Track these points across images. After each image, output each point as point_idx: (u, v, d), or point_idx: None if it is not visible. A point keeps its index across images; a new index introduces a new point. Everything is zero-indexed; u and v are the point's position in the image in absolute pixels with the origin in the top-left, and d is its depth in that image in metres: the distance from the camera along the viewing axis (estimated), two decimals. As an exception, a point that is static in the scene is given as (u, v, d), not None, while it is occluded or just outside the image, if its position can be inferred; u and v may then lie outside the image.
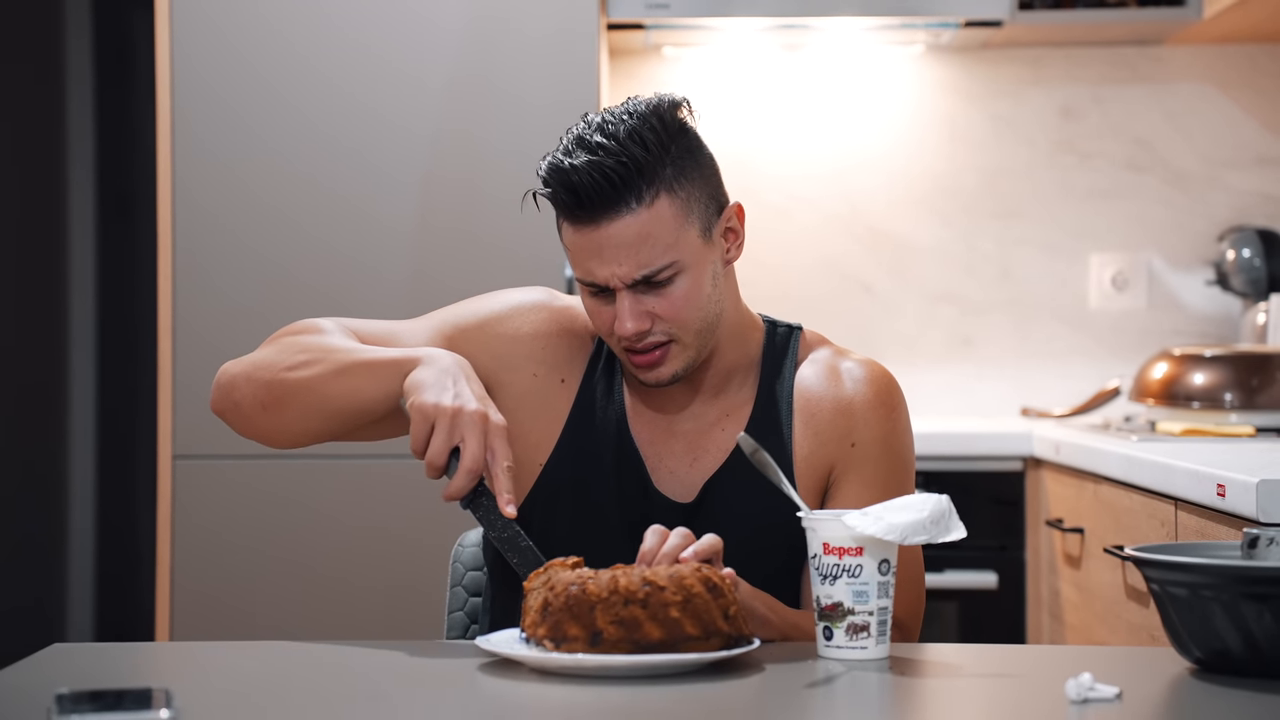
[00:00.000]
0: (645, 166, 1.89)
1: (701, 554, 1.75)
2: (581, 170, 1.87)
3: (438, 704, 1.60)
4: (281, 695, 1.64)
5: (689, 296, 1.93)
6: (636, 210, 1.88)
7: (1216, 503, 2.34)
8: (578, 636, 1.63)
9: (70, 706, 1.41)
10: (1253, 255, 3.84)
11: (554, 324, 2.05)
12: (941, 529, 1.71)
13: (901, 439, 2.05)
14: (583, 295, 1.97)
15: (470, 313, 2.06)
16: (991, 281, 4.12)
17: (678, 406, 2.03)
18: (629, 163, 1.88)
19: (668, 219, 1.90)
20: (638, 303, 1.91)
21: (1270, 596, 1.56)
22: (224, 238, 3.47)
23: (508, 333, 2.03)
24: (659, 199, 1.89)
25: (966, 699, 1.63)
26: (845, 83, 4.13)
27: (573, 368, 2.04)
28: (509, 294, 2.08)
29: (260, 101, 3.47)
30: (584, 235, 1.90)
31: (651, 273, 1.90)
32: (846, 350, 2.08)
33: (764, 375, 2.04)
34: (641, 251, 1.89)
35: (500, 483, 1.79)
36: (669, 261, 1.90)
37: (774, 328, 2.08)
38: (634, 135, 1.89)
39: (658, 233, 1.90)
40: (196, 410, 3.44)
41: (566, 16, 3.47)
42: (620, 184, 1.88)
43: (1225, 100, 4.07)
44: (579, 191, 1.88)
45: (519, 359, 2.02)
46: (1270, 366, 3.36)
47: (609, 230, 1.88)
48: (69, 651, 1.87)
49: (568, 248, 1.93)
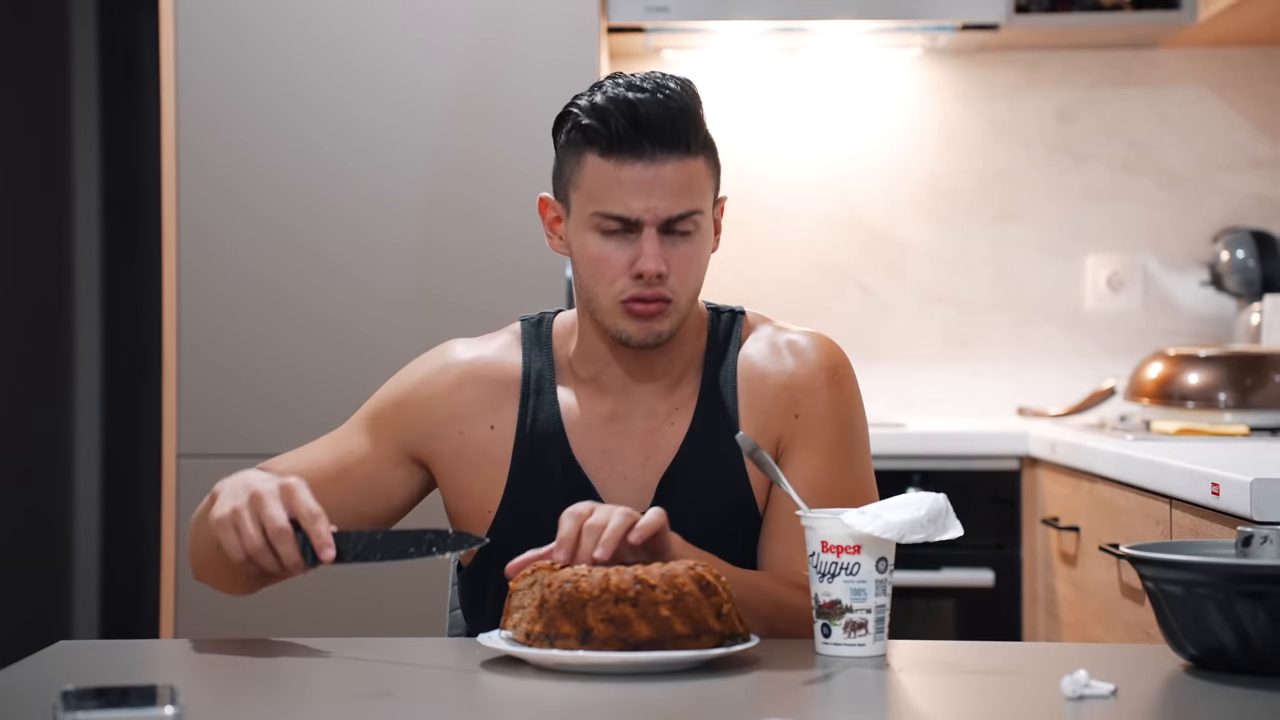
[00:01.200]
0: (698, 120, 1.95)
1: (648, 531, 1.75)
2: (649, 104, 1.91)
3: (438, 700, 1.61)
4: (284, 692, 1.65)
5: (696, 258, 1.96)
6: (685, 157, 1.93)
7: (1211, 501, 2.34)
8: (570, 634, 1.64)
9: (76, 703, 1.40)
10: (1247, 256, 3.85)
11: (465, 378, 2.04)
12: (939, 527, 1.72)
13: (848, 405, 2.05)
14: (588, 240, 1.96)
15: (386, 398, 2.07)
16: (988, 282, 4.12)
17: (629, 407, 2.02)
18: (687, 110, 1.94)
19: (704, 175, 1.96)
20: (659, 247, 1.93)
21: (1264, 594, 1.57)
22: (228, 239, 3.47)
23: (422, 403, 2.04)
24: (699, 155, 1.95)
25: (963, 696, 1.63)
26: (843, 85, 4.13)
27: (499, 413, 2.03)
28: (415, 366, 2.09)
29: (264, 105, 3.48)
30: (628, 169, 1.91)
31: (685, 213, 1.93)
32: (788, 326, 2.09)
33: (708, 363, 2.05)
34: (683, 194, 1.93)
35: (313, 533, 1.78)
36: (699, 209, 1.95)
37: (718, 315, 2.08)
38: (687, 91, 1.96)
39: (697, 182, 1.94)
40: (200, 409, 3.45)
41: (567, 19, 3.47)
42: (683, 125, 1.92)
43: (1220, 103, 4.08)
44: (642, 123, 1.91)
45: (440, 424, 2.02)
46: (1264, 366, 3.36)
47: (662, 168, 1.92)
48: (74, 649, 1.87)
49: (591, 183, 1.94)
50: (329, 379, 3.47)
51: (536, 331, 2.08)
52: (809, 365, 2.04)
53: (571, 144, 1.95)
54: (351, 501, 2.01)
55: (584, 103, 1.94)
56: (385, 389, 2.08)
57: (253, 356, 3.47)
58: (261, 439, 3.43)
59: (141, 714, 1.39)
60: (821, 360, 2.05)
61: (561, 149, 1.98)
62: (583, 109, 1.94)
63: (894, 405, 4.06)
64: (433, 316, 3.47)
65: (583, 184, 1.94)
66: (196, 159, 3.48)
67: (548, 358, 2.06)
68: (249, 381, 3.46)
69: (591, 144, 1.93)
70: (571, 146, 1.96)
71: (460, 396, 2.03)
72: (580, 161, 1.94)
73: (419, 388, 2.05)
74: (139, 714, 1.39)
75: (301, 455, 2.04)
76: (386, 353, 3.39)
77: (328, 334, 3.47)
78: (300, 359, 3.47)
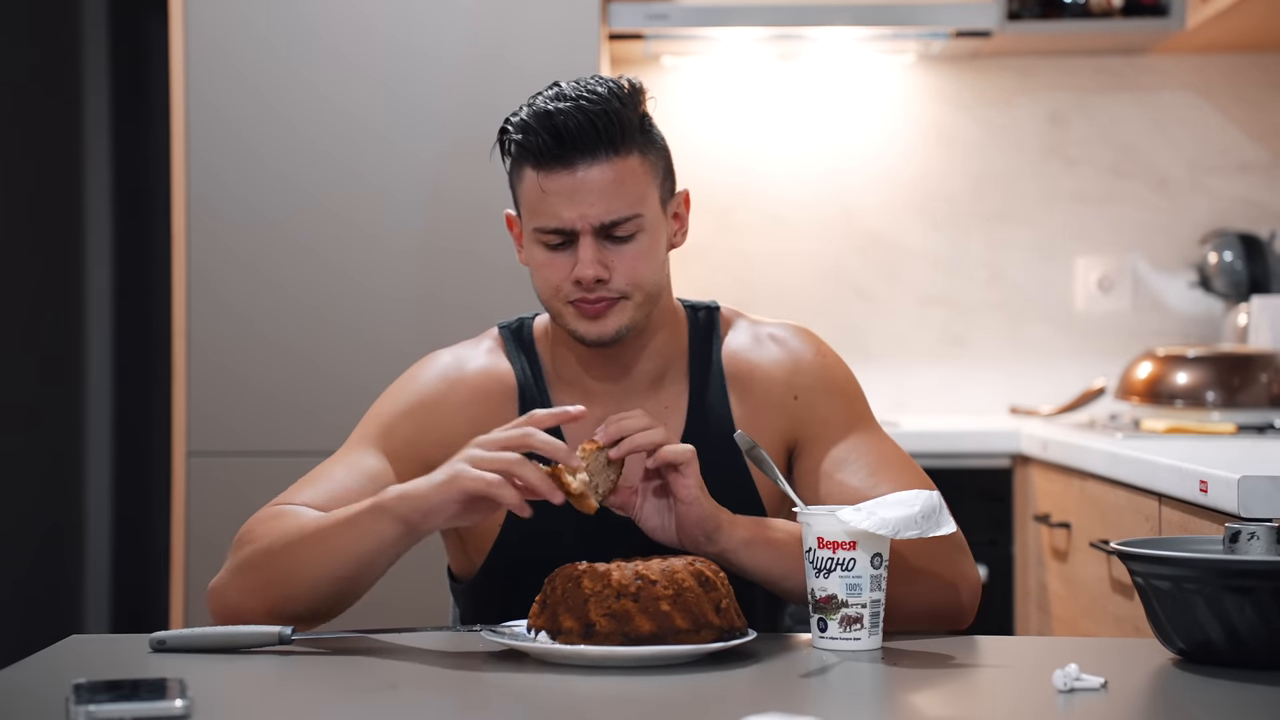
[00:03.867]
0: (625, 120, 1.92)
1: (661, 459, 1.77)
2: (568, 114, 1.89)
3: (444, 692, 1.61)
4: (292, 685, 1.64)
5: (647, 255, 1.94)
6: (612, 159, 1.91)
7: (1199, 498, 2.34)
8: (573, 629, 1.65)
9: (87, 696, 1.42)
10: (1234, 258, 3.86)
11: (474, 392, 2.02)
12: (932, 524, 1.73)
13: (841, 371, 2.06)
14: (535, 252, 1.95)
15: (394, 414, 2.02)
16: (981, 284, 4.13)
17: (617, 409, 1.99)
18: (610, 113, 1.91)
19: (639, 174, 1.93)
20: (599, 252, 1.92)
21: (1251, 589, 1.58)
22: (237, 240, 3.49)
23: (436, 417, 2.00)
24: (632, 154, 1.92)
25: (957, 689, 1.64)
26: (839, 91, 4.14)
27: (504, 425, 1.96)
28: (417, 381, 2.04)
29: (271, 111, 3.50)
30: (556, 179, 1.90)
31: (619, 219, 1.91)
32: (762, 319, 2.09)
33: (693, 360, 2.04)
34: (613, 198, 1.91)
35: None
36: (635, 213, 1.92)
37: (695, 312, 2.08)
38: (613, 93, 1.92)
39: (629, 184, 1.92)
40: (210, 408, 3.47)
41: (568, 26, 3.49)
42: (603, 130, 1.90)
43: (1208, 108, 4.09)
44: (563, 135, 1.89)
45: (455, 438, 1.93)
46: (1251, 366, 3.37)
47: (586, 174, 1.90)
48: (86, 642, 1.87)
49: (529, 198, 1.93)
50: (335, 378, 3.48)
51: (517, 338, 2.07)
52: (793, 349, 2.06)
53: (513, 160, 1.95)
54: None
55: (514, 119, 1.94)
56: (390, 405, 2.03)
57: (260, 357, 3.49)
58: (269, 437, 3.46)
59: (151, 707, 1.42)
60: (804, 343, 2.07)
61: (509, 166, 1.97)
62: (513, 125, 1.94)
63: (889, 404, 4.07)
64: (434, 317, 3.48)
65: (523, 200, 1.95)
66: (205, 162, 3.49)
67: (534, 364, 2.05)
68: (257, 381, 3.48)
69: (524, 160, 1.93)
70: (513, 163, 1.95)
71: (470, 411, 2.01)
72: (521, 177, 1.94)
73: (430, 402, 2.01)
74: (149, 707, 1.42)
75: (319, 486, 1.96)
76: (391, 352, 3.43)
77: (334, 334, 3.49)
78: (307, 359, 3.48)
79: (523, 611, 1.79)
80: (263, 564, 1.86)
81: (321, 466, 2.00)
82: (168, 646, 1.74)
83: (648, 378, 2.03)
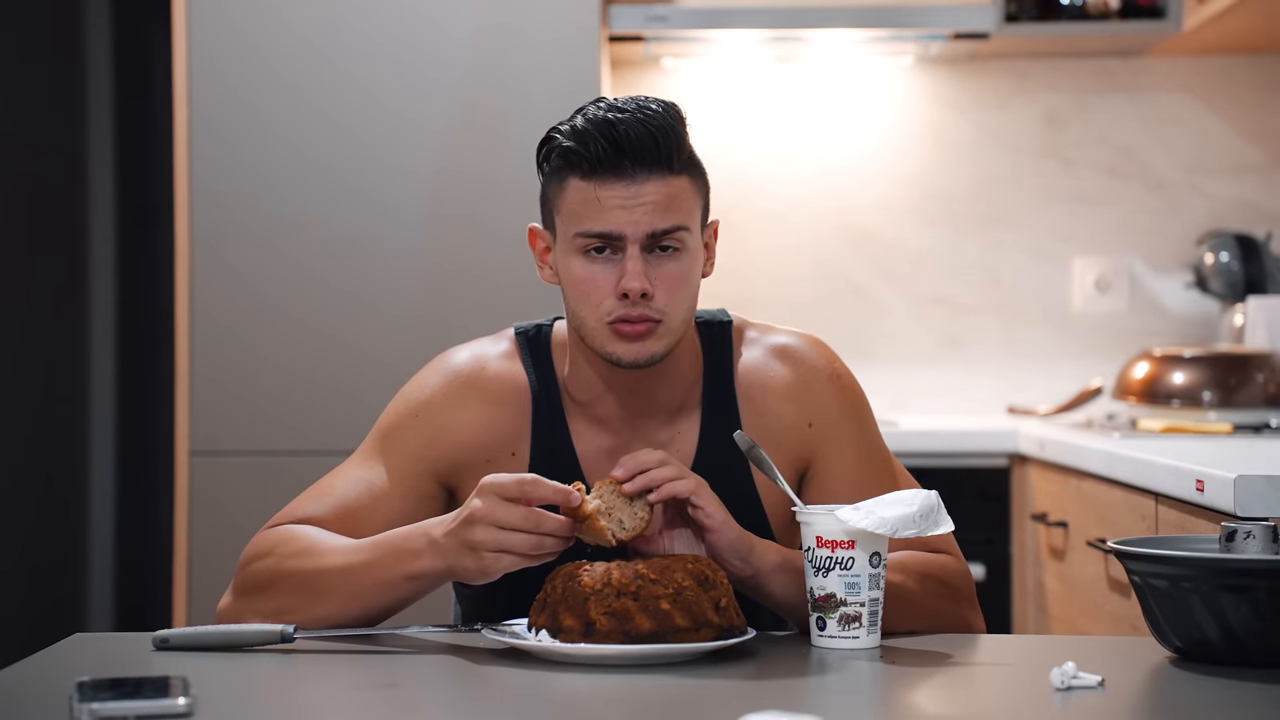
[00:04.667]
0: (681, 139, 1.90)
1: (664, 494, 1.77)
2: (629, 125, 1.86)
3: (445, 690, 1.62)
4: (294, 682, 1.65)
5: (685, 277, 1.90)
6: (666, 176, 1.88)
7: (1195, 498, 2.34)
8: (573, 627, 1.66)
9: (91, 694, 1.42)
10: (1230, 259, 3.86)
11: (486, 400, 1.99)
12: (930, 523, 1.74)
13: (850, 392, 2.03)
14: (573, 264, 1.90)
15: (405, 425, 1.98)
16: (979, 284, 4.14)
17: (629, 440, 1.97)
18: (669, 130, 1.88)
19: (689, 194, 1.90)
20: (645, 266, 1.87)
21: (1247, 588, 1.59)
22: (240, 242, 3.50)
23: (448, 429, 1.97)
24: (684, 174, 1.90)
25: (955, 687, 1.64)
26: (837, 93, 4.14)
27: (521, 438, 1.98)
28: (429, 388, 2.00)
29: (275, 110, 3.52)
30: (609, 189, 1.87)
31: (669, 228, 1.88)
32: (772, 326, 2.06)
33: (708, 386, 2.00)
34: (665, 211, 1.87)
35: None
36: (684, 226, 1.89)
37: (708, 328, 2.03)
38: (669, 111, 1.90)
39: (681, 200, 1.89)
40: (213, 408, 3.47)
41: (569, 28, 3.50)
42: (663, 144, 1.87)
43: (1204, 109, 4.09)
44: (623, 144, 1.86)
45: (470, 450, 1.95)
46: (1247, 366, 3.38)
47: (644, 186, 1.87)
48: (90, 641, 1.87)
49: (572, 205, 1.89)
50: (337, 378, 3.49)
51: (534, 346, 2.02)
52: (807, 371, 2.02)
53: (554, 170, 1.91)
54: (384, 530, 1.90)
55: (564, 127, 1.90)
56: (401, 414, 2.00)
57: (263, 358, 3.49)
58: (271, 437, 3.46)
59: (154, 705, 1.42)
60: (818, 363, 2.02)
61: (546, 176, 1.93)
62: (563, 133, 1.89)
63: (887, 404, 4.07)
64: (436, 319, 3.49)
65: (565, 207, 1.89)
66: (208, 165, 3.50)
67: (550, 377, 2.00)
68: (259, 381, 3.49)
69: (573, 168, 1.88)
70: (555, 173, 1.91)
71: (485, 424, 1.98)
72: (563, 186, 1.89)
73: (443, 412, 1.98)
74: (152, 704, 1.42)
75: (324, 501, 1.95)
76: (392, 352, 3.44)
77: (335, 334, 3.50)
78: (308, 359, 3.49)
79: (524, 610, 1.79)
80: (278, 592, 1.86)
81: (329, 478, 1.98)
82: (171, 645, 1.75)
83: (666, 408, 1.99)
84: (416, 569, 1.80)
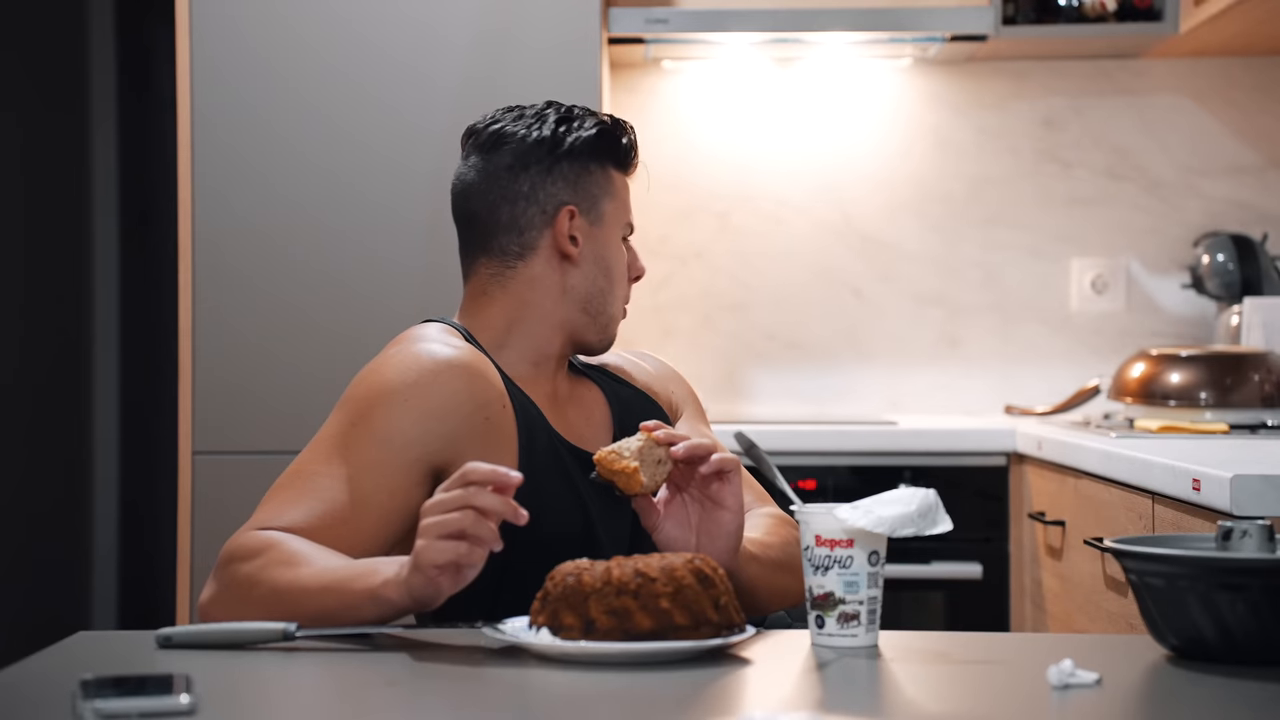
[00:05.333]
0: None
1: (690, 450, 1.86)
2: (629, 129, 2.11)
3: (445, 688, 1.62)
4: (295, 681, 1.65)
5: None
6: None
7: (1192, 497, 2.35)
8: (573, 625, 1.66)
9: (94, 692, 1.42)
10: (1226, 260, 3.86)
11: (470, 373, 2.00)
12: (929, 522, 1.74)
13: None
14: (620, 247, 2.11)
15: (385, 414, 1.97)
16: (977, 285, 4.14)
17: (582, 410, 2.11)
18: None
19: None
20: None
21: (1243, 586, 1.59)
22: (242, 244, 3.51)
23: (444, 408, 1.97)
24: None
25: (952, 684, 1.64)
26: (836, 95, 4.15)
27: (503, 397, 2.01)
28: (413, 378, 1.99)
29: (277, 112, 3.52)
30: (625, 186, 2.12)
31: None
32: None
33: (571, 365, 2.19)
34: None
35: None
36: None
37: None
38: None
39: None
40: (215, 408, 3.48)
41: (569, 31, 3.50)
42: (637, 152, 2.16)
43: (1200, 111, 4.10)
44: (633, 147, 2.12)
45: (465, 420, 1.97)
46: (1243, 366, 3.38)
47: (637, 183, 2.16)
48: (93, 639, 1.88)
49: (620, 194, 2.11)
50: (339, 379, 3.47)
51: (466, 334, 2.09)
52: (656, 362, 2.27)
53: (594, 158, 2.08)
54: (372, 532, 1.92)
55: (591, 124, 2.09)
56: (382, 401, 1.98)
57: (265, 358, 3.50)
58: (274, 436, 3.47)
59: (157, 702, 1.42)
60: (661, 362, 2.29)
61: (575, 164, 2.06)
62: (600, 127, 2.09)
63: (885, 403, 4.08)
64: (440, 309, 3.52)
65: (615, 195, 2.10)
66: (210, 166, 3.51)
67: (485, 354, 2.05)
68: (262, 380, 3.50)
69: (610, 159, 2.09)
70: (594, 161, 2.09)
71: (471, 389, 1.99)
72: (607, 175, 2.10)
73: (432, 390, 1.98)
74: (155, 702, 1.42)
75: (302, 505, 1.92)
76: (396, 354, 3.47)
77: (338, 333, 3.50)
78: (311, 360, 3.50)
79: (524, 610, 1.80)
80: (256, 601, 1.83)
81: (304, 474, 1.96)
82: (174, 643, 1.74)
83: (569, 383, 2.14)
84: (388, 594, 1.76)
